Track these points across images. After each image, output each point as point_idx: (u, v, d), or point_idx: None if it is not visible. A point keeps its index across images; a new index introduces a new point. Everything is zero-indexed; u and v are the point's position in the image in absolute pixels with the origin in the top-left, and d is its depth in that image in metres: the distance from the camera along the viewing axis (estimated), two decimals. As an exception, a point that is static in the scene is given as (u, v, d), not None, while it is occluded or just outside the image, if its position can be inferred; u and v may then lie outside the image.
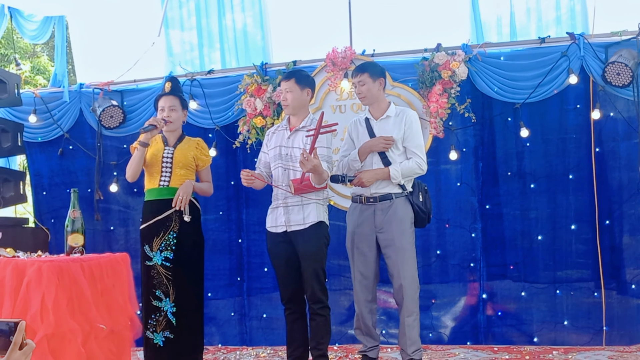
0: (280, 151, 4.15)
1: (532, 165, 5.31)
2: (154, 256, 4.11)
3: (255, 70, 5.71)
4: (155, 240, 4.13)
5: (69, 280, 2.96)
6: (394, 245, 4.17)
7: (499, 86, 5.27)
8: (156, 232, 4.14)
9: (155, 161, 4.22)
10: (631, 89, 4.98)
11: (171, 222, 4.14)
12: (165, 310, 4.06)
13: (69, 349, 2.86)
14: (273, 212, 4.19)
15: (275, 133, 4.28)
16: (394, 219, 4.19)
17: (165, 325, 4.05)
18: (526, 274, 5.30)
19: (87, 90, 6.10)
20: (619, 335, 5.03)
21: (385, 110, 4.33)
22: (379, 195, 4.23)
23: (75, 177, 6.12)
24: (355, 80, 4.33)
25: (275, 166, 4.18)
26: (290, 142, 4.14)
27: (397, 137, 4.23)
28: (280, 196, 4.11)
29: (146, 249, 4.15)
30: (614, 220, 5.13)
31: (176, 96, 4.35)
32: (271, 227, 4.18)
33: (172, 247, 4.10)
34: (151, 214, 4.18)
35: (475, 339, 5.32)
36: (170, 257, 4.10)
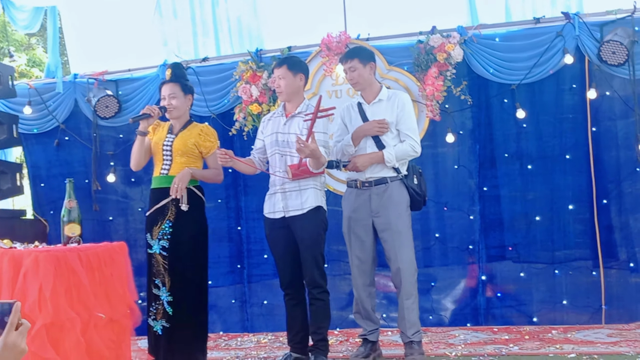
0: (277, 138, 4.15)
1: (529, 146, 5.31)
2: (154, 244, 4.11)
3: (250, 56, 5.70)
4: (154, 229, 4.11)
5: (66, 270, 2.97)
6: (390, 229, 4.18)
7: (495, 67, 5.25)
8: (155, 221, 4.12)
9: (157, 149, 4.20)
10: (627, 68, 4.97)
11: (167, 211, 4.10)
12: (162, 299, 4.04)
13: (68, 338, 2.88)
14: (271, 198, 4.20)
15: (271, 120, 4.28)
16: (390, 202, 4.19)
17: (162, 314, 4.03)
18: (525, 255, 5.31)
19: (82, 81, 6.08)
20: (618, 313, 5.05)
21: (377, 94, 4.33)
22: (374, 179, 4.23)
23: (72, 168, 6.12)
24: (345, 67, 4.32)
25: (272, 153, 4.18)
26: (287, 128, 4.14)
27: (390, 120, 4.23)
28: (278, 182, 4.12)
29: (148, 237, 4.16)
30: (612, 199, 5.13)
31: (177, 82, 4.27)
32: (269, 213, 4.19)
33: (167, 237, 4.07)
34: (153, 201, 4.18)
35: (475, 321, 5.34)
36: (166, 246, 4.07)
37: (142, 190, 6.07)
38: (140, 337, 5.45)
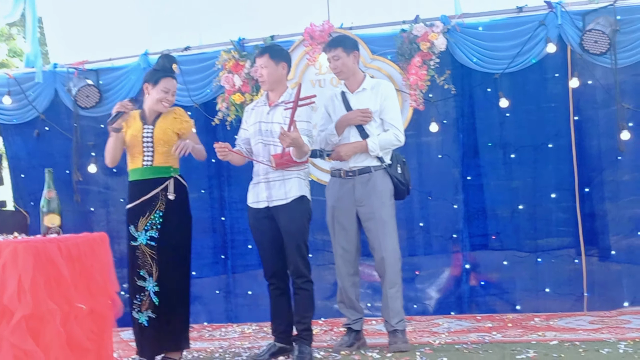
0: (260, 127, 4.13)
1: (512, 135, 5.32)
2: (139, 236, 4.06)
3: (233, 46, 5.65)
4: (140, 220, 4.07)
5: (46, 261, 2.93)
6: (374, 218, 4.18)
7: (478, 57, 5.25)
8: (142, 212, 4.07)
9: (135, 142, 4.11)
10: (609, 57, 4.98)
11: (157, 201, 4.07)
12: (148, 290, 4.03)
13: (48, 330, 2.85)
14: (254, 188, 4.18)
15: (255, 109, 4.25)
16: (374, 192, 4.19)
17: (148, 305, 4.01)
18: (508, 244, 5.34)
19: (62, 70, 6.00)
20: (600, 300, 5.09)
21: (360, 83, 4.32)
22: (358, 168, 4.22)
23: (53, 159, 6.03)
24: (329, 56, 4.30)
25: (255, 142, 4.16)
26: (270, 117, 4.12)
27: (373, 109, 4.22)
28: (262, 172, 4.09)
29: (131, 230, 4.10)
30: (594, 187, 5.16)
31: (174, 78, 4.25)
32: (252, 203, 4.17)
33: (157, 227, 4.04)
34: (137, 194, 4.11)
35: (459, 309, 5.36)
36: (155, 236, 4.05)
37: (124, 181, 5.90)
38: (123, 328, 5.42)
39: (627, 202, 5.07)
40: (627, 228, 5.07)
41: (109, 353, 3.42)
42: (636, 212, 5.05)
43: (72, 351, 3.03)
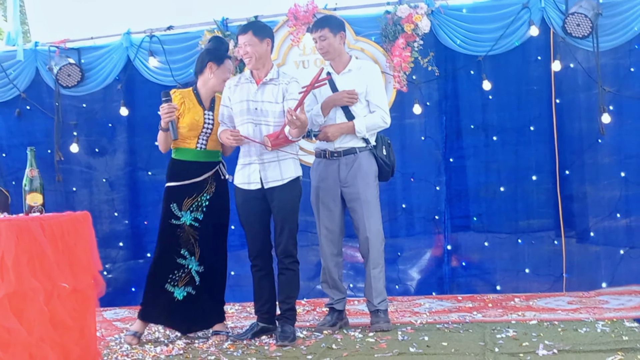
0: (249, 106, 4.06)
1: (495, 118, 5.36)
2: (183, 216, 4.16)
3: (216, 25, 5.62)
4: (186, 201, 4.16)
5: (28, 239, 2.91)
6: (359, 199, 4.21)
7: (462, 39, 5.26)
8: (189, 193, 4.16)
9: (195, 126, 4.16)
10: (591, 40, 5.02)
11: (207, 184, 4.18)
12: (189, 267, 4.18)
13: (31, 308, 2.83)
14: (245, 169, 4.11)
15: (239, 86, 4.14)
16: (359, 172, 4.21)
17: (188, 282, 4.18)
18: (489, 225, 5.40)
19: (43, 49, 5.93)
20: (578, 281, 5.17)
21: (346, 64, 4.32)
22: (343, 149, 4.23)
23: (35, 138, 5.99)
24: (315, 36, 4.28)
25: (243, 121, 4.07)
26: (259, 96, 4.06)
27: (359, 91, 4.23)
28: (254, 152, 4.04)
29: (173, 207, 4.17)
30: (574, 170, 5.22)
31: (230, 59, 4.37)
32: (242, 184, 4.11)
33: (202, 209, 4.17)
34: (185, 174, 4.18)
35: (440, 290, 5.42)
36: (200, 218, 4.17)
37: (107, 161, 6.01)
38: (106, 308, 5.46)
39: (607, 185, 5.14)
40: (606, 210, 5.14)
41: (92, 331, 3.41)
42: (615, 194, 5.12)
43: (55, 329, 3.02)
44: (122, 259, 6.04)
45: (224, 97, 4.19)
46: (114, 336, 4.40)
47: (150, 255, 5.94)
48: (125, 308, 5.66)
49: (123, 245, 6.02)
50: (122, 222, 6.02)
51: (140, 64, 5.81)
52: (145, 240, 5.99)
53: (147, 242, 5.97)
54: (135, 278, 5.99)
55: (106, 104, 5.94)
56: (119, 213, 6.01)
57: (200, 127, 4.16)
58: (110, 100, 5.92)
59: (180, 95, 4.24)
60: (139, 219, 6.00)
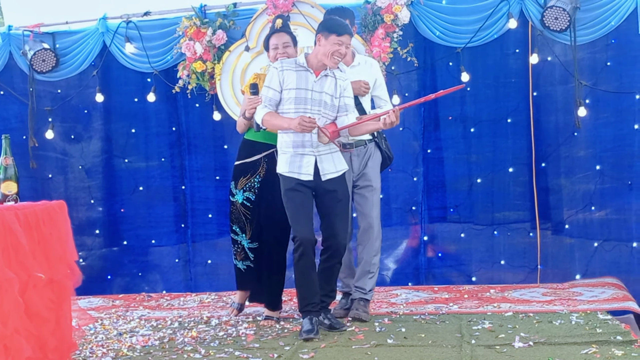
0: (310, 95, 3.95)
1: (473, 110, 5.39)
2: (237, 194, 4.36)
3: (194, 12, 5.55)
4: (241, 179, 4.35)
5: (3, 229, 2.86)
6: (371, 187, 4.34)
7: (441, 30, 5.27)
8: (244, 172, 4.34)
9: None
10: (568, 34, 5.05)
11: (259, 166, 4.31)
12: (242, 244, 4.39)
13: (6, 299, 2.79)
14: (297, 159, 3.96)
15: (293, 72, 3.97)
16: (370, 162, 4.36)
17: (244, 256, 4.41)
18: (465, 216, 5.44)
19: (17, 33, 5.80)
20: (553, 273, 5.24)
21: (353, 57, 4.39)
22: (355, 141, 4.31)
23: (9, 124, 5.88)
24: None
25: (299, 110, 3.93)
26: (319, 86, 3.97)
27: None
28: (309, 143, 3.92)
29: (232, 186, 4.41)
30: (550, 162, 5.27)
31: (287, 33, 4.33)
32: (292, 173, 3.95)
33: (255, 190, 4.32)
34: (245, 153, 4.36)
35: (416, 280, 5.46)
36: (252, 199, 4.33)
37: (82, 148, 5.94)
38: (81, 296, 5.40)
39: (582, 178, 5.20)
40: (580, 203, 5.20)
41: (67, 322, 3.38)
42: (590, 187, 5.18)
43: (30, 320, 2.99)
44: (98, 247, 5.99)
45: (274, 80, 4.00)
46: (89, 326, 4.36)
47: (126, 243, 5.93)
48: (100, 297, 5.63)
49: (99, 232, 5.96)
50: (98, 209, 5.95)
51: (117, 50, 5.73)
52: (121, 228, 5.95)
53: (123, 230, 5.95)
54: (110, 266, 5.96)
55: (82, 90, 5.85)
56: (95, 200, 5.95)
57: None
58: (86, 86, 5.83)
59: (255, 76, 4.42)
60: (115, 206, 5.94)
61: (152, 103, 5.72)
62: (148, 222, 5.92)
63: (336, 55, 3.90)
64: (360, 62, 4.41)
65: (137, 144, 5.89)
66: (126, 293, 5.79)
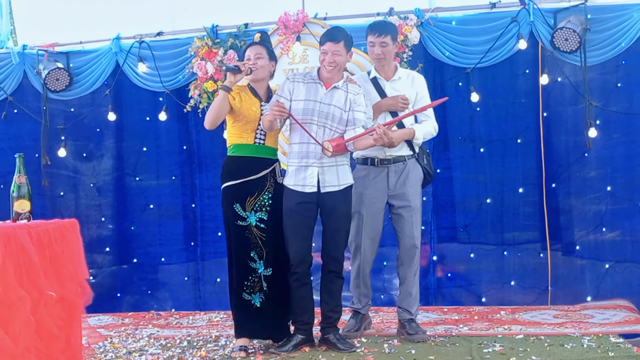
0: (318, 107, 3.97)
1: (482, 130, 5.40)
2: (249, 216, 3.97)
3: (206, 32, 5.61)
4: (248, 200, 3.97)
5: (16, 247, 2.88)
6: (409, 206, 4.26)
7: (451, 51, 5.30)
8: (250, 192, 3.98)
9: (251, 118, 4.00)
10: (578, 55, 5.06)
11: (266, 182, 4.02)
12: (259, 272, 3.98)
13: (17, 317, 2.80)
14: (301, 171, 3.98)
15: (303, 84, 4.03)
16: (408, 180, 4.27)
17: (260, 288, 3.99)
18: (475, 236, 5.42)
19: (31, 52, 5.90)
20: (564, 294, 5.20)
21: (395, 71, 4.35)
22: (393, 157, 4.26)
23: (22, 142, 5.96)
24: (376, 40, 4.20)
25: (305, 121, 3.95)
26: (328, 99, 3.99)
27: (409, 98, 4.27)
28: (313, 155, 3.94)
29: (236, 208, 3.97)
30: (560, 183, 5.26)
31: (263, 46, 4.14)
32: (296, 186, 3.97)
33: (266, 209, 3.99)
34: (243, 171, 3.99)
35: (425, 300, 5.42)
36: (265, 219, 3.99)
37: (94, 166, 5.98)
38: (91, 314, 5.41)
39: (593, 199, 5.19)
40: (591, 224, 5.18)
41: (77, 340, 3.39)
42: (601, 208, 5.17)
43: (41, 339, 2.99)
44: (108, 264, 6.01)
45: (284, 90, 4.05)
46: (99, 344, 4.36)
47: (136, 260, 5.94)
48: (110, 314, 5.63)
49: (109, 250, 5.99)
50: (109, 227, 5.99)
51: (129, 69, 5.79)
52: (131, 246, 5.97)
53: (134, 248, 5.97)
54: (120, 284, 5.98)
55: (94, 109, 5.92)
56: (105, 218, 5.98)
57: (257, 118, 4.01)
58: (99, 105, 5.89)
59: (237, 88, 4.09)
60: (125, 224, 5.97)
61: (163, 122, 5.77)
62: (158, 240, 5.94)
63: (325, 64, 3.96)
64: (401, 76, 4.34)
65: (148, 162, 5.93)
66: (135, 311, 5.80)
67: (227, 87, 3.94)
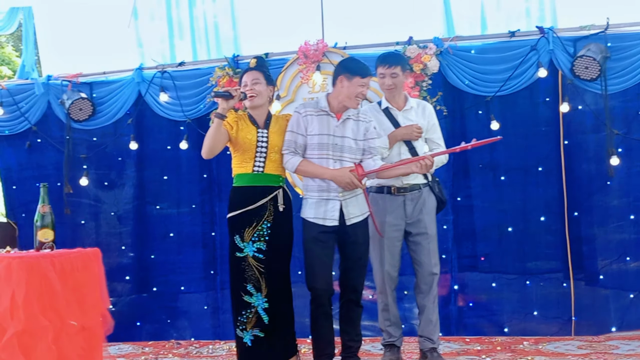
0: (331, 141, 3.94)
1: (503, 158, 5.37)
2: (245, 247, 3.87)
3: (227, 62, 5.68)
4: (247, 230, 3.88)
5: (39, 277, 2.92)
6: (427, 234, 4.28)
7: (470, 79, 5.31)
8: (248, 222, 3.88)
9: (248, 146, 3.93)
10: (599, 83, 5.05)
11: (265, 211, 3.89)
12: (255, 305, 3.84)
13: (39, 347, 2.83)
14: (322, 204, 3.93)
15: (314, 117, 3.96)
16: (424, 207, 4.30)
17: (255, 323, 3.84)
18: (497, 265, 5.37)
19: (55, 83, 6.01)
20: (587, 325, 5.12)
21: (405, 101, 4.40)
22: (409, 185, 4.28)
23: (45, 171, 6.03)
24: (387, 71, 4.26)
25: (322, 155, 3.92)
26: (340, 131, 3.95)
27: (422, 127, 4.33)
28: (335, 188, 3.91)
29: (236, 240, 3.90)
30: (583, 211, 5.21)
31: (260, 71, 4.05)
32: (317, 219, 3.92)
33: (265, 238, 3.87)
34: (243, 201, 3.91)
35: (447, 330, 5.37)
36: (263, 249, 3.86)
37: (115, 195, 6.03)
38: (111, 343, 5.42)
39: (616, 227, 5.13)
40: (615, 253, 5.11)
41: (98, 370, 3.41)
42: (624, 237, 5.10)
43: (62, 368, 3.02)
44: (128, 293, 6.02)
45: (298, 124, 3.97)
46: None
47: (156, 289, 5.95)
48: (130, 343, 5.63)
49: (129, 279, 6.00)
50: (129, 255, 6.01)
51: (151, 99, 5.87)
52: (151, 275, 5.98)
53: (153, 277, 5.98)
54: (140, 312, 5.97)
55: (116, 138, 5.99)
56: (126, 247, 6.01)
57: (254, 146, 3.93)
58: (121, 134, 5.97)
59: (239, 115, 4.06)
60: (145, 252, 5.99)
61: (184, 150, 5.81)
62: (178, 269, 5.95)
63: (359, 97, 3.94)
64: (413, 106, 4.38)
65: (169, 191, 5.97)
66: (155, 340, 5.79)
67: (219, 114, 3.84)
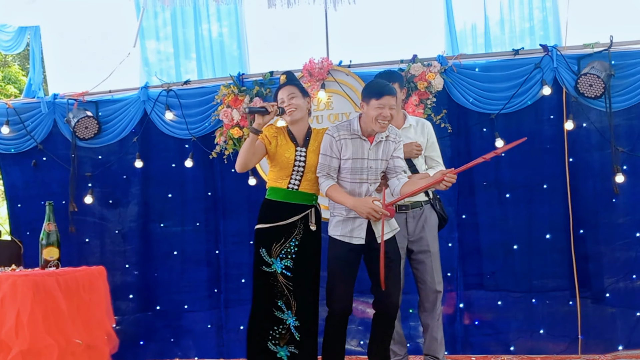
0: (366, 165, 3.90)
1: (508, 175, 5.37)
2: (273, 263, 3.88)
3: (232, 80, 5.71)
4: (274, 246, 3.88)
5: (44, 295, 2.92)
6: (429, 251, 4.31)
7: (474, 97, 5.32)
8: (276, 238, 3.89)
9: (287, 164, 3.93)
10: (603, 100, 5.06)
11: (295, 228, 3.90)
12: (288, 323, 3.85)
13: (44, 365, 2.83)
14: (349, 222, 3.89)
15: (348, 140, 3.90)
16: (426, 225, 4.33)
17: (289, 339, 3.84)
18: (502, 283, 5.34)
19: (61, 101, 6.03)
20: (594, 343, 5.09)
21: (404, 119, 4.41)
22: (411, 203, 4.30)
23: (50, 189, 6.02)
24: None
25: (355, 180, 3.90)
26: (374, 153, 3.92)
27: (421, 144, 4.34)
28: None
29: (262, 253, 3.89)
30: (588, 229, 5.19)
31: (294, 84, 4.02)
32: (344, 237, 3.88)
33: (292, 256, 3.87)
34: (274, 216, 3.91)
35: (452, 349, 5.34)
36: (290, 266, 3.87)
37: (120, 213, 6.02)
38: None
39: (622, 245, 5.11)
40: (621, 271, 5.09)
41: (102, 389, 3.39)
42: (630, 255, 5.09)
43: (67, 387, 3.01)
44: (131, 312, 5.98)
45: (331, 147, 3.91)
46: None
47: (160, 307, 5.93)
48: (133, 362, 5.60)
49: (133, 297, 5.98)
50: (133, 273, 5.98)
51: (157, 117, 5.89)
52: (155, 293, 5.94)
53: (157, 295, 5.95)
54: (143, 331, 5.93)
55: (121, 156, 6.00)
56: (130, 265, 5.99)
57: (291, 164, 3.93)
58: (126, 152, 5.97)
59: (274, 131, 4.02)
60: (150, 271, 5.96)
61: (189, 168, 5.82)
62: (182, 287, 5.92)
63: (380, 120, 3.79)
64: (412, 124, 4.40)
65: (174, 209, 5.97)
66: (159, 358, 5.76)
67: (255, 129, 3.81)
